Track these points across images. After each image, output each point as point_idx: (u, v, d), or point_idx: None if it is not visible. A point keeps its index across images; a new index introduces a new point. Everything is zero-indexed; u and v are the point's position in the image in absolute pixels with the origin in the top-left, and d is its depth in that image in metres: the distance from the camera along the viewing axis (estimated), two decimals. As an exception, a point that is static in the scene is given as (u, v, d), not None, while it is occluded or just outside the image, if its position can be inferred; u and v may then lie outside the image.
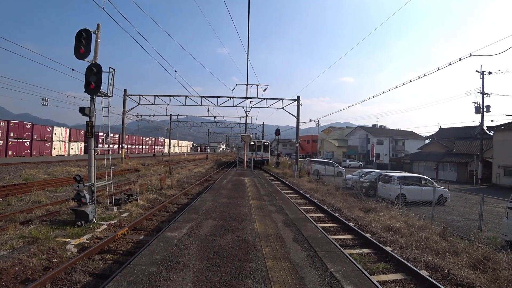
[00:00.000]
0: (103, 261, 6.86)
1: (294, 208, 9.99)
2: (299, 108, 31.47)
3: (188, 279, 4.47)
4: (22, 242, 7.33)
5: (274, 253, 5.72)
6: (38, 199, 12.49)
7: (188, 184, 20.66)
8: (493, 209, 14.66)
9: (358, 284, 4.54)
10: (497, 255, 7.61)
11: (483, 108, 34.19)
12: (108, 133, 11.59)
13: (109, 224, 9.57)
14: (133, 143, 67.07)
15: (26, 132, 35.86)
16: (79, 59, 9.28)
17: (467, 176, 38.51)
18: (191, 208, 9.51)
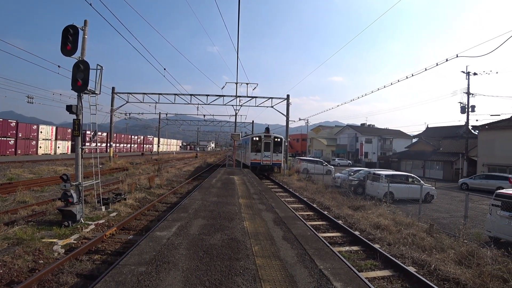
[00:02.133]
0: (91, 261, 6.77)
1: (283, 207, 10.04)
2: (289, 107, 31.59)
3: (177, 278, 4.44)
4: (6, 244, 7.17)
5: (264, 251, 5.74)
6: (23, 199, 12.23)
7: (177, 183, 20.53)
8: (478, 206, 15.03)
9: (347, 281, 4.59)
10: (481, 250, 7.81)
11: (469, 108, 34.92)
12: (96, 132, 11.42)
13: (97, 224, 9.45)
14: (121, 142, 66.17)
15: (11, 130, 35.01)
16: (66, 56, 9.12)
17: (453, 174, 39.32)
18: (180, 207, 9.45)
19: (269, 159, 26.24)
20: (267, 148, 26.17)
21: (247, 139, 28.63)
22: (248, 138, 27.67)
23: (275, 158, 26.34)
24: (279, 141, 26.64)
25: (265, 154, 26.05)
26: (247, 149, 27.56)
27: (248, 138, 28.01)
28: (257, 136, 26.70)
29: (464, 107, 35.20)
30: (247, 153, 27.54)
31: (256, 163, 26.19)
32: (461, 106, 35.47)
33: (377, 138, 67.24)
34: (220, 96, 32.34)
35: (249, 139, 27.10)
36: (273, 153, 26.22)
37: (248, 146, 26.93)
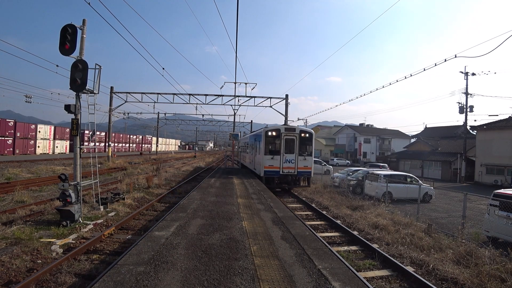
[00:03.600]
0: (90, 261, 6.76)
1: (282, 206, 10.04)
2: (288, 107, 31.57)
3: (176, 278, 4.44)
4: (4, 243, 7.15)
5: (263, 251, 5.74)
6: (21, 199, 12.20)
7: (175, 182, 20.51)
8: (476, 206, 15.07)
9: (345, 280, 4.59)
10: (479, 250, 7.84)
11: (467, 108, 35.00)
12: (94, 131, 11.39)
13: (96, 223, 9.43)
14: (119, 141, 66.10)
15: (9, 130, 34.91)
16: (64, 55, 9.09)
17: (451, 174, 39.41)
18: (179, 207, 9.44)
19: (293, 165, 17.27)
20: (289, 148, 17.40)
21: (258, 135, 19.60)
22: (260, 134, 18.44)
23: (301, 164, 17.39)
24: (308, 137, 17.83)
25: (287, 157, 17.19)
26: (258, 150, 18.78)
27: (260, 133, 18.61)
28: (274, 130, 17.73)
29: (462, 107, 35.29)
30: (258, 156, 18.63)
31: (272, 171, 17.27)
32: (459, 106, 35.56)
33: (375, 138, 67.38)
34: (219, 96, 32.30)
35: (261, 135, 18.03)
36: (298, 156, 17.31)
37: (260, 146, 18.15)
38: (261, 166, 17.62)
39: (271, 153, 17.44)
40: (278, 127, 17.93)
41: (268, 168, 17.26)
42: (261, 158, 17.72)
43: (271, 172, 17.30)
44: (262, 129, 18.37)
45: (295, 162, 17.39)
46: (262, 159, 17.46)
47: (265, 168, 17.24)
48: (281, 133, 17.47)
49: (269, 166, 17.25)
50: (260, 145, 18.11)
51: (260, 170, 17.90)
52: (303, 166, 17.50)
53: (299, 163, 17.44)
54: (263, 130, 18.03)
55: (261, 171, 17.46)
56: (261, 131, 18.34)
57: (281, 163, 17.26)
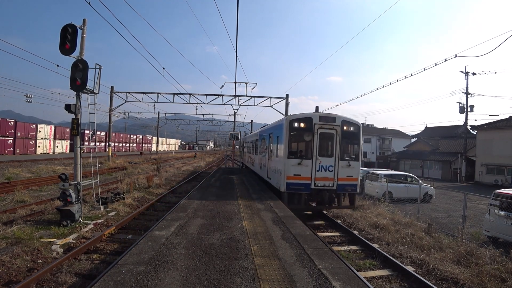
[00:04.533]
0: (90, 261, 6.77)
1: (282, 206, 10.04)
2: (288, 107, 31.56)
3: (176, 278, 4.44)
4: (5, 243, 7.16)
5: (263, 250, 5.74)
6: (21, 199, 12.21)
7: (176, 182, 20.52)
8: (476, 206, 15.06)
9: (346, 280, 4.59)
10: (479, 250, 7.84)
11: (467, 108, 35.00)
12: (95, 131, 11.40)
13: (96, 223, 9.44)
14: (120, 141, 66.15)
15: (9, 130, 34.94)
16: (65, 55, 9.10)
17: (451, 174, 39.41)
18: (179, 207, 9.44)
19: (332, 175, 11.51)
20: (326, 148, 11.72)
21: (275, 129, 13.73)
22: (279, 126, 12.67)
23: (344, 173, 11.58)
24: (354, 131, 11.94)
25: (322, 163, 11.41)
26: (275, 150, 13.00)
27: (279, 125, 12.82)
28: (303, 120, 11.60)
29: (462, 107, 35.29)
30: (276, 161, 12.78)
31: (299, 185, 11.39)
32: (459, 106, 35.57)
33: (376, 137, 67.32)
34: (219, 95, 32.30)
35: (281, 128, 12.24)
36: (340, 161, 11.49)
37: (279, 145, 12.37)
38: (280, 176, 11.50)
39: (297, 156, 11.48)
40: (309, 115, 11.44)
41: (292, 179, 11.11)
42: (280, 163, 11.74)
43: (297, 186, 11.17)
44: (283, 119, 12.20)
45: (334, 170, 11.27)
46: (283, 166, 11.35)
47: (287, 180, 11.11)
48: (314, 125, 11.18)
49: (294, 177, 11.13)
50: (280, 144, 12.06)
51: (279, 182, 11.73)
52: (346, 177, 11.41)
53: (340, 171, 11.30)
54: (284, 119, 11.73)
55: (281, 183, 11.33)
56: (281, 122, 12.31)
57: (313, 172, 11.13)
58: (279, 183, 11.66)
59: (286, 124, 11.45)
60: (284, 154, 11.30)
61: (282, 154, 11.44)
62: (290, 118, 11.60)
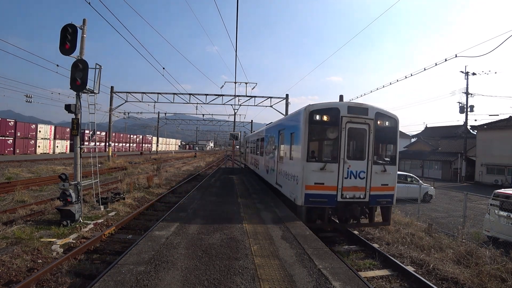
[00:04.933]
0: (90, 261, 6.77)
1: (282, 206, 10.04)
2: (288, 107, 31.57)
3: (176, 278, 4.44)
4: (5, 243, 7.16)
5: (263, 250, 5.74)
6: (22, 199, 12.21)
7: (176, 182, 20.52)
8: (476, 206, 15.07)
9: (346, 280, 4.59)
10: (479, 250, 7.84)
11: (467, 108, 35.01)
12: (95, 131, 11.41)
13: (96, 223, 9.43)
14: (120, 141, 66.16)
15: (9, 130, 34.96)
16: (65, 55, 9.10)
17: (452, 174, 39.40)
18: (179, 207, 9.45)
19: (363, 183, 8.92)
20: (356, 148, 9.39)
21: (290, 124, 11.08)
22: (296, 118, 9.89)
23: (378, 181, 9.04)
24: (391, 127, 9.51)
25: (352, 167, 8.84)
26: (290, 152, 10.40)
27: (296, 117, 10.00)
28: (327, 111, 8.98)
29: (463, 107, 35.29)
30: (291, 164, 10.11)
31: (321, 196, 8.75)
32: (460, 106, 35.57)
33: (376, 137, 67.22)
34: (219, 95, 32.30)
35: (298, 121, 9.57)
36: (373, 165, 8.97)
37: (295, 144, 9.80)
38: (296, 185, 9.00)
39: (319, 158, 8.97)
40: (335, 105, 8.91)
41: (313, 189, 8.60)
42: (296, 168, 9.22)
43: (318, 199, 8.64)
44: (300, 110, 9.36)
45: (366, 177, 8.79)
46: (300, 171, 8.83)
47: (307, 190, 8.59)
48: (341, 118, 8.73)
49: (316, 186, 8.61)
50: (296, 143, 9.55)
51: (293, 192, 9.28)
52: (380, 185, 8.93)
53: (374, 178, 8.82)
54: (302, 111, 9.03)
55: (298, 194, 8.82)
56: (297, 115, 9.64)
57: (339, 180, 8.62)
58: (295, 194, 9.05)
59: (305, 116, 8.76)
60: (302, 156, 8.69)
61: (300, 156, 8.83)
62: (310, 108, 8.80)
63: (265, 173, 15.24)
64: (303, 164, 8.66)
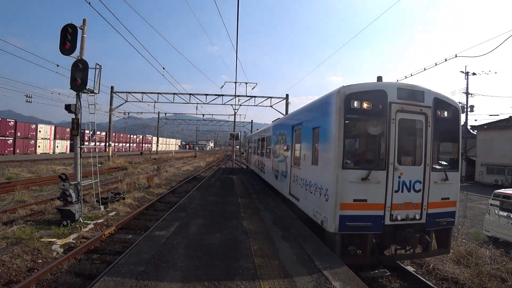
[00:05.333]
0: (90, 261, 6.76)
1: (282, 206, 10.04)
2: (288, 107, 31.56)
3: (177, 278, 4.44)
4: (5, 243, 7.16)
5: (263, 250, 5.74)
6: (22, 199, 12.21)
7: (176, 182, 20.51)
8: (476, 206, 15.05)
9: (346, 280, 4.59)
10: (479, 250, 7.83)
11: (467, 108, 35.01)
12: (95, 131, 11.41)
13: (96, 223, 9.43)
14: (120, 141, 66.16)
15: (9, 130, 34.96)
16: (65, 55, 9.10)
17: (452, 174, 39.33)
18: (179, 207, 9.44)
19: (420, 198, 6.34)
20: (408, 149, 6.81)
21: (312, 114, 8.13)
22: (325, 106, 6.93)
23: (438, 194, 6.53)
24: (453, 119, 6.97)
25: (405, 177, 6.27)
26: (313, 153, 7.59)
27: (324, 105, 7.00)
28: (369, 96, 6.27)
29: (463, 107, 35.29)
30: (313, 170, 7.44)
31: (365, 218, 6.06)
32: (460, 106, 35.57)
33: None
34: (219, 95, 32.29)
35: (327, 110, 6.73)
36: (431, 172, 6.44)
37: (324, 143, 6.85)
38: (327, 203, 6.43)
39: (359, 163, 6.64)
40: (380, 86, 6.51)
41: (351, 208, 6.16)
42: (326, 177, 6.67)
43: (359, 222, 6.15)
44: (331, 94, 6.76)
45: (422, 190, 6.48)
46: (332, 182, 6.29)
47: (343, 210, 6.12)
48: (389, 104, 6.34)
49: (355, 205, 6.17)
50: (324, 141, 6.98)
51: (322, 212, 6.67)
52: (440, 200, 6.67)
53: (432, 191, 6.53)
54: (335, 94, 6.48)
55: (329, 217, 6.29)
56: (328, 101, 6.90)
57: (388, 194, 6.24)
58: (322, 215, 6.51)
59: (339, 103, 6.16)
60: (335, 160, 6.11)
61: (331, 160, 6.23)
62: (346, 90, 6.18)
63: (272, 178, 12.91)
64: (336, 173, 5.98)
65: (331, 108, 6.41)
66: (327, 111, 6.68)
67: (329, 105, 6.57)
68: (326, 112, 6.70)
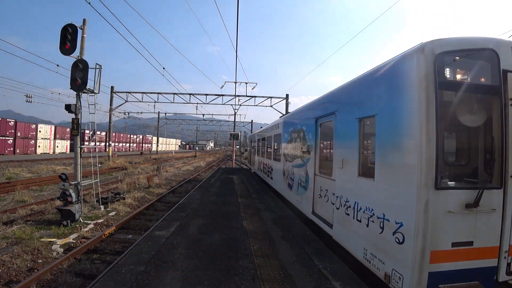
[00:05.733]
0: (90, 261, 6.76)
1: (282, 206, 10.04)
2: (288, 107, 31.58)
3: (177, 278, 4.44)
4: (5, 243, 7.16)
5: (263, 250, 5.74)
6: (22, 199, 12.21)
7: (176, 182, 20.51)
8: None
9: (346, 280, 4.59)
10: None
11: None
12: (95, 131, 11.41)
13: (96, 223, 9.43)
14: (120, 141, 66.19)
15: (9, 130, 34.98)
16: (65, 55, 9.10)
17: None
18: (179, 207, 9.45)
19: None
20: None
21: (363, 92, 5.16)
22: (400, 70, 4.06)
23: None
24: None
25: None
26: (375, 161, 4.42)
27: (392, 76, 4.26)
28: (470, 59, 3.77)
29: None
30: (368, 186, 4.64)
31: (469, 274, 3.63)
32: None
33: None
34: (219, 95, 32.29)
35: (400, 80, 4.01)
36: None
37: (394, 143, 4.07)
38: (400, 249, 3.80)
39: (458, 177, 4.00)
40: (485, 42, 3.81)
41: (447, 259, 3.59)
42: (399, 202, 3.87)
43: (460, 279, 3.62)
44: (411, 51, 3.88)
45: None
46: (412, 212, 3.61)
47: (433, 264, 3.55)
48: (504, 73, 3.76)
49: (453, 252, 3.60)
50: (392, 138, 4.13)
51: (391, 262, 3.96)
52: None
53: None
54: (416, 53, 3.69)
55: (406, 273, 3.63)
56: (404, 61, 4.02)
57: (506, 231, 3.73)
58: (391, 266, 4.00)
59: (425, 66, 3.69)
60: (420, 172, 3.59)
61: (412, 171, 3.68)
62: (434, 47, 3.71)
63: (284, 187, 10.67)
64: (424, 197, 3.56)
65: (408, 79, 3.87)
66: (397, 85, 4.11)
67: (402, 74, 4.01)
68: (396, 88, 4.13)
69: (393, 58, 4.39)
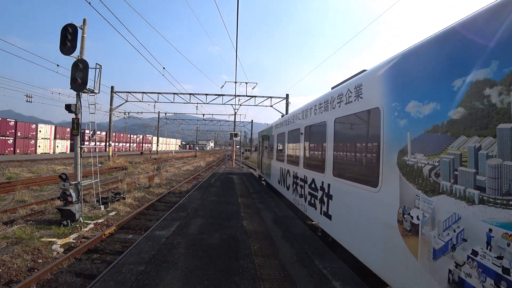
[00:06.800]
0: (90, 261, 6.76)
1: (283, 206, 10.04)
2: (288, 106, 31.57)
3: (177, 277, 4.44)
4: (5, 243, 7.16)
5: (263, 250, 5.74)
6: (22, 198, 12.21)
7: (176, 182, 20.51)
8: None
9: (346, 280, 4.59)
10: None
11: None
12: (95, 131, 11.41)
13: (96, 223, 9.43)
14: (120, 141, 66.17)
15: (9, 130, 34.98)
16: (65, 55, 9.10)
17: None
18: (179, 206, 9.45)
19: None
20: None
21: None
22: None
23: None
24: None
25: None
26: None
27: None
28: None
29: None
30: None
31: None
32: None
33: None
34: (219, 95, 32.29)
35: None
36: None
37: None
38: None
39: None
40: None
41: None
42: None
43: None
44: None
45: None
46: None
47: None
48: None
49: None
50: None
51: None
52: None
53: None
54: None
55: None
56: None
57: None
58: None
59: None
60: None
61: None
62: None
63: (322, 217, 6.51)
64: None
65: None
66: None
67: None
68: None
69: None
